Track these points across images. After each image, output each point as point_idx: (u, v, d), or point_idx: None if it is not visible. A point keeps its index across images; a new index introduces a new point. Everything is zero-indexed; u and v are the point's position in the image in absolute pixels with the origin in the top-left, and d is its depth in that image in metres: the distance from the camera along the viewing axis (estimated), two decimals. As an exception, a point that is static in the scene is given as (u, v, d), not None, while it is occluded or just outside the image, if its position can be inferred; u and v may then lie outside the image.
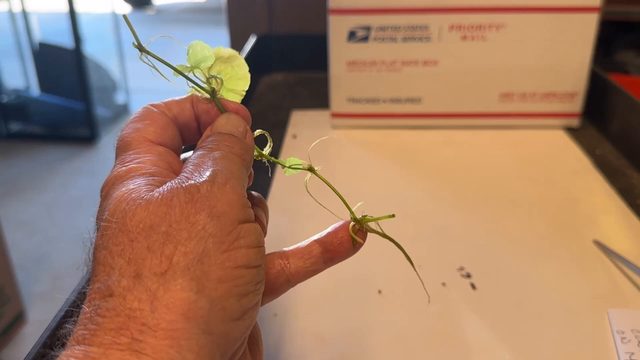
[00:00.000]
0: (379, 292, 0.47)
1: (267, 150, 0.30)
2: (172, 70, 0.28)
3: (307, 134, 0.76)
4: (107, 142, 2.57)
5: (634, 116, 0.69)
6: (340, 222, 0.29)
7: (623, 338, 0.40)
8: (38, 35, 2.76)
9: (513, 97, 0.75)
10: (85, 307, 0.21)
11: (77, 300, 0.23)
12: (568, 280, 0.48)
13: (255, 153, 0.29)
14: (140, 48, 0.27)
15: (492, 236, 0.54)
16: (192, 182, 0.24)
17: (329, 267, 0.29)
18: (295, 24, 1.19)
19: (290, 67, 0.99)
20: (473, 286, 0.47)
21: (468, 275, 0.48)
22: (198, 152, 0.26)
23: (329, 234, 0.29)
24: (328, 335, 0.42)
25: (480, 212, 0.58)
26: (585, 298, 0.46)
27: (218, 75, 0.29)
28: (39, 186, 2.25)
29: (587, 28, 0.70)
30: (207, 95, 0.29)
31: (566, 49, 0.72)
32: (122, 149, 0.27)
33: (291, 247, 0.29)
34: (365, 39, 0.72)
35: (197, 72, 0.29)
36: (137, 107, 2.93)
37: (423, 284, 0.34)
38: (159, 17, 5.16)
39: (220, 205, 0.23)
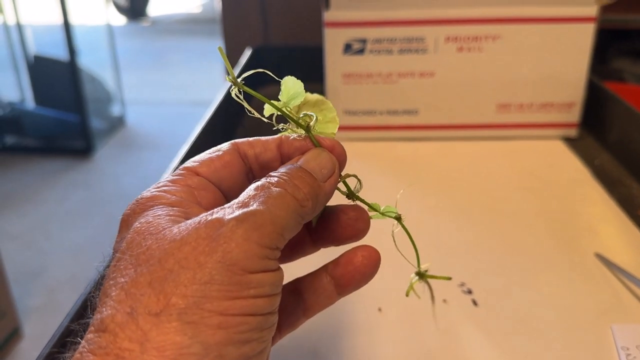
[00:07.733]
0: (379, 310, 0.46)
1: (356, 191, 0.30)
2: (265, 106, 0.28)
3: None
4: (103, 154, 2.56)
5: (632, 126, 0.68)
6: (349, 253, 0.29)
7: (628, 355, 0.40)
8: (33, 48, 2.75)
9: (510, 108, 0.74)
10: (81, 341, 0.21)
11: (80, 329, 0.22)
12: (571, 295, 0.47)
13: (346, 191, 0.29)
14: (235, 83, 0.27)
15: (493, 250, 0.54)
16: (219, 215, 0.22)
17: (343, 297, 0.29)
18: (290, 36, 1.19)
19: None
20: (475, 302, 0.46)
21: (469, 292, 0.48)
22: (261, 182, 0.25)
23: (339, 266, 0.29)
24: (327, 353, 0.42)
25: (479, 225, 0.58)
26: (589, 313, 0.45)
27: (311, 113, 0.28)
28: (34, 199, 2.23)
29: (583, 38, 0.70)
30: (300, 132, 0.28)
31: (563, 59, 0.71)
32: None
33: (303, 281, 0.29)
34: (361, 51, 0.71)
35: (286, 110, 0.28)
36: (132, 118, 2.94)
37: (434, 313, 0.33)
38: (154, 28, 5.15)
39: (237, 252, 0.22)
